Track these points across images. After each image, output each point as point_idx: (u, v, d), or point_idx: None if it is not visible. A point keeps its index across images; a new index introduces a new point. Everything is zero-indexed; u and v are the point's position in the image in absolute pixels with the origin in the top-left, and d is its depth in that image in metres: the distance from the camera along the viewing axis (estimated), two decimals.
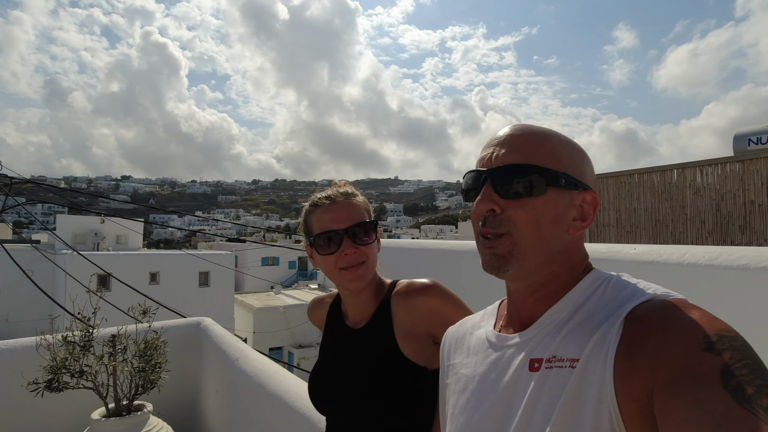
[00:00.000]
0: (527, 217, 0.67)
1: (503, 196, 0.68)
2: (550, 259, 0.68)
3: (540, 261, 0.68)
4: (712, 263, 1.62)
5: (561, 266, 0.69)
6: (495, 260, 0.69)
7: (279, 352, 20.80)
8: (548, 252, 0.68)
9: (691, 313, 0.54)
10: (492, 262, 0.69)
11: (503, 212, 0.68)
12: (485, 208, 0.69)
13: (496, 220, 0.68)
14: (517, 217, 0.67)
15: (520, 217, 0.67)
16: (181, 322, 3.44)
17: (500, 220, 0.68)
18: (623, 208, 7.25)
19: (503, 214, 0.68)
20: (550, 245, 0.68)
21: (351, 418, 1.11)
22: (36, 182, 9.91)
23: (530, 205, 0.67)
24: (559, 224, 0.68)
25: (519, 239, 0.67)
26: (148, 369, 2.55)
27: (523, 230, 0.67)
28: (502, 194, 0.68)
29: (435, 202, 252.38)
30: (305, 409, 1.87)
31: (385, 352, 1.10)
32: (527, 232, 0.67)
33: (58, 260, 14.51)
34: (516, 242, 0.67)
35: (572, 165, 0.70)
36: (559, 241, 0.69)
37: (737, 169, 6.04)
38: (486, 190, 0.69)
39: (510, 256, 0.67)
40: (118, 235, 21.70)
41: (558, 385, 0.59)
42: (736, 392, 0.45)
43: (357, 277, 1.12)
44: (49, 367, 2.35)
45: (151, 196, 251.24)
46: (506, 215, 0.68)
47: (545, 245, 0.67)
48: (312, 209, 1.19)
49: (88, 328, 2.53)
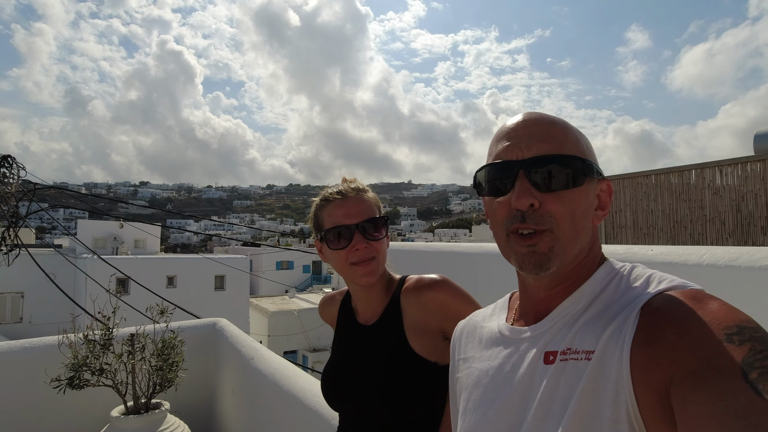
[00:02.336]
0: (565, 211, 0.64)
1: (541, 189, 0.64)
2: (580, 252, 0.67)
3: (575, 254, 0.66)
4: (732, 264, 1.59)
5: (586, 258, 0.69)
6: (536, 258, 0.64)
7: (293, 355, 20.89)
8: (581, 244, 0.67)
9: (709, 304, 0.53)
10: (533, 260, 0.65)
11: (541, 207, 0.64)
12: (526, 204, 0.64)
13: (536, 215, 0.64)
14: (556, 211, 0.64)
15: (559, 211, 0.64)
16: (197, 322, 3.49)
17: (540, 215, 0.64)
18: (640, 209, 7.12)
19: (542, 208, 0.64)
20: (582, 237, 0.66)
21: (363, 415, 1.12)
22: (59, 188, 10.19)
23: (567, 197, 0.64)
24: (589, 215, 0.67)
25: (560, 235, 0.64)
26: (166, 367, 2.59)
27: (562, 225, 0.64)
28: (539, 187, 0.64)
29: (449, 206, 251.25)
30: (319, 407, 1.88)
31: (396, 348, 1.10)
32: (566, 227, 0.64)
33: (80, 264, 14.84)
34: (557, 238, 0.64)
35: (591, 153, 0.69)
36: (588, 233, 0.68)
37: (758, 169, 5.88)
38: (523, 184, 0.64)
39: (551, 253, 0.64)
40: (136, 240, 22.11)
41: (574, 377, 0.58)
42: (757, 384, 0.44)
43: (368, 272, 1.12)
44: (71, 365, 2.41)
45: (168, 201, 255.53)
46: (545, 210, 0.64)
47: (579, 238, 0.66)
48: (323, 204, 1.18)
49: (108, 328, 2.58)
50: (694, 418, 0.46)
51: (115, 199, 11.40)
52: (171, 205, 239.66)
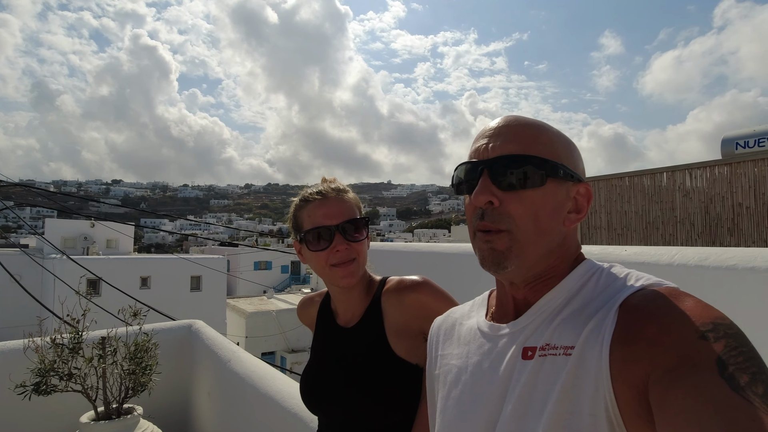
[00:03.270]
0: (526, 211, 0.65)
1: (501, 188, 0.66)
2: (549, 252, 0.67)
3: (540, 255, 0.66)
4: (701, 264, 1.64)
5: (557, 258, 0.69)
6: (495, 256, 0.66)
7: (272, 356, 20.65)
8: (548, 246, 0.67)
9: (685, 301, 0.55)
10: (491, 257, 0.66)
11: (501, 205, 0.65)
12: (484, 200, 0.66)
13: (495, 214, 0.66)
14: (515, 211, 0.65)
15: (518, 211, 0.65)
16: (172, 324, 3.41)
17: (499, 214, 0.65)
18: (614, 210, 7.31)
19: (501, 207, 0.65)
20: (548, 239, 0.67)
21: (343, 418, 1.10)
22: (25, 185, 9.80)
23: (529, 198, 0.65)
24: (557, 217, 0.67)
25: (518, 235, 0.65)
26: (139, 371, 2.52)
27: (522, 226, 0.65)
28: (500, 186, 0.66)
29: (428, 206, 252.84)
30: (298, 410, 1.86)
31: (376, 350, 1.09)
32: (527, 228, 0.65)
33: (47, 264, 14.32)
34: (515, 239, 0.65)
35: (567, 156, 0.70)
36: (557, 234, 0.68)
37: (725, 172, 6.12)
38: (484, 182, 0.66)
39: (509, 252, 0.65)
40: (108, 239, 21.47)
41: (553, 373, 0.59)
42: (732, 380, 0.46)
43: (348, 274, 1.10)
44: (37, 370, 2.31)
45: (142, 200, 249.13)
46: (504, 209, 0.65)
47: (544, 239, 0.66)
48: (302, 204, 1.16)
49: (77, 331, 2.49)
50: (672, 414, 0.46)
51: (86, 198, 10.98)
52: (145, 204, 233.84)
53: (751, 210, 5.86)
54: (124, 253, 21.65)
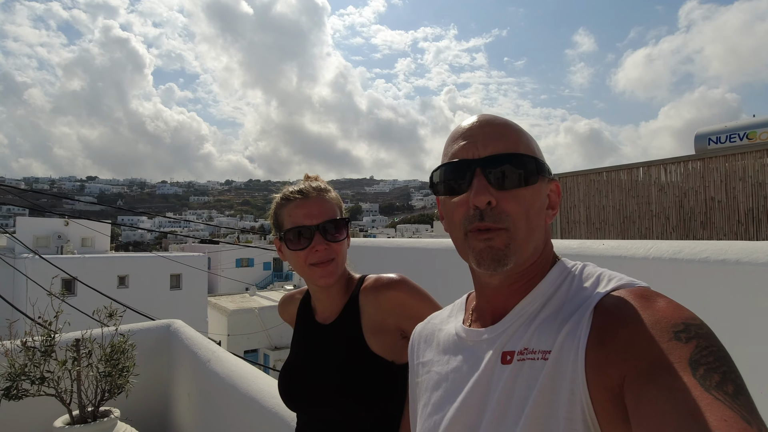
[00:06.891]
0: (520, 210, 0.65)
1: (497, 187, 0.65)
2: (535, 249, 0.68)
3: (530, 252, 0.67)
4: (675, 257, 1.68)
5: (540, 255, 0.70)
6: (494, 253, 0.65)
7: (255, 354, 20.49)
8: (535, 242, 0.68)
9: (657, 302, 0.56)
10: (491, 255, 0.65)
11: (497, 205, 0.65)
12: (484, 201, 0.64)
13: (494, 213, 0.65)
14: (511, 210, 0.65)
15: (514, 210, 0.65)
16: (150, 324, 3.34)
17: (498, 214, 0.65)
18: (593, 205, 7.46)
19: (498, 207, 0.65)
20: (537, 236, 0.67)
21: (320, 414, 1.11)
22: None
23: (521, 196, 0.65)
24: (542, 214, 0.69)
25: (515, 233, 0.65)
26: (115, 373, 2.46)
27: (518, 224, 0.65)
28: (495, 185, 0.65)
29: (410, 202, 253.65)
30: (278, 408, 1.84)
31: (353, 347, 1.10)
32: (522, 225, 0.65)
33: (19, 264, 13.87)
34: (513, 237, 0.65)
35: (541, 154, 0.71)
36: (542, 232, 0.69)
37: (698, 167, 6.30)
38: (480, 182, 0.65)
39: (508, 250, 0.65)
40: (83, 238, 20.92)
41: (531, 378, 0.59)
42: (704, 380, 0.46)
43: (327, 274, 1.11)
44: (7, 374, 2.24)
45: (119, 197, 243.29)
46: (501, 209, 0.65)
47: (534, 236, 0.67)
48: (283, 203, 1.16)
49: (50, 333, 2.42)
50: (647, 415, 0.47)
51: (59, 195, 10.72)
52: (122, 201, 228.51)
53: (722, 204, 6.05)
54: (100, 251, 21.13)
